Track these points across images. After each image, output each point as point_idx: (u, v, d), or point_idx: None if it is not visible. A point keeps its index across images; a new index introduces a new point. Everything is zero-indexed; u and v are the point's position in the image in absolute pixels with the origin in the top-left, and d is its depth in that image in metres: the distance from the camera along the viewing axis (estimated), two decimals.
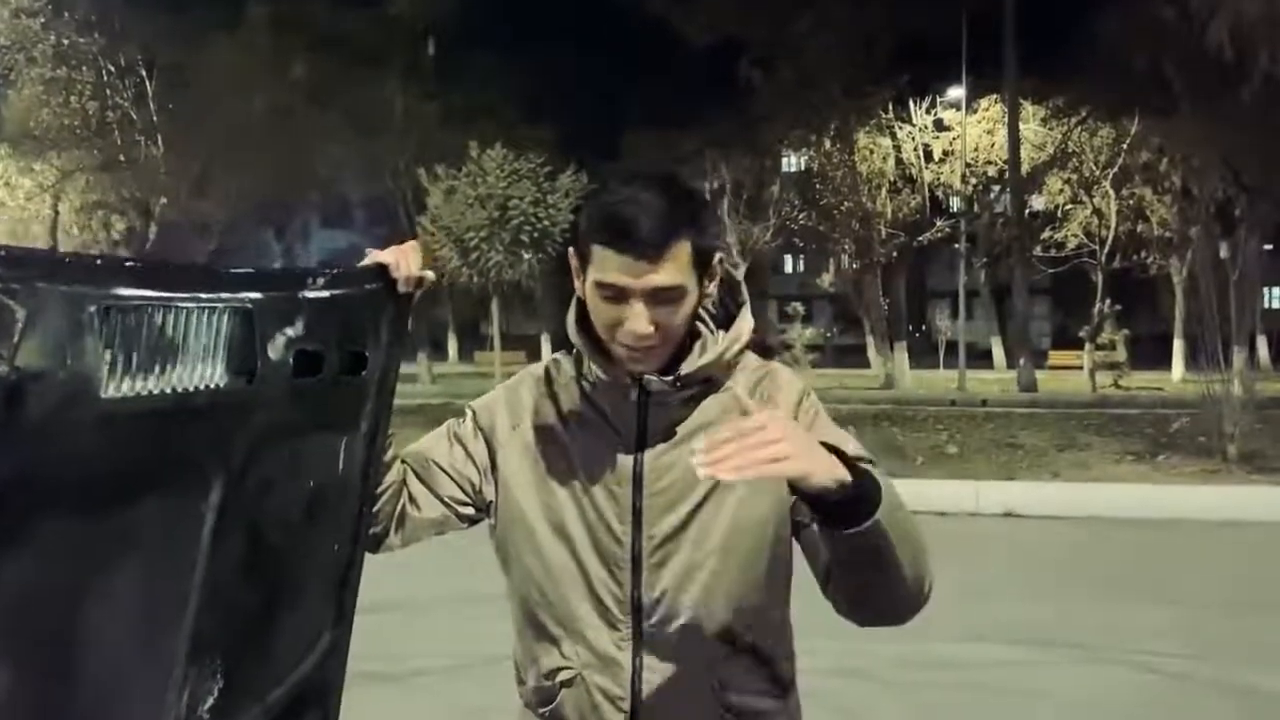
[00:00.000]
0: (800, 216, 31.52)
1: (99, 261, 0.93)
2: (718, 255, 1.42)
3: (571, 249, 1.45)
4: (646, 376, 1.41)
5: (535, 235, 22.54)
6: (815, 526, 1.32)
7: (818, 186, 29.96)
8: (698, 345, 1.46)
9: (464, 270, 22.21)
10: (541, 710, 1.46)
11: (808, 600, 1.50)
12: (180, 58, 26.84)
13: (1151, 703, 4.45)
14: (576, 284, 1.45)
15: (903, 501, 1.27)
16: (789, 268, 47.96)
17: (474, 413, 1.56)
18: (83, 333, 0.86)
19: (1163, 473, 10.33)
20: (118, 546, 0.98)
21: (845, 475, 1.17)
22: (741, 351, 1.48)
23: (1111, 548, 7.62)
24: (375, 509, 1.48)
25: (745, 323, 1.48)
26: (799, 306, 28.29)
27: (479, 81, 28.93)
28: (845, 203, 28.52)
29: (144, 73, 28.30)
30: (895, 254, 28.59)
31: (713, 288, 1.44)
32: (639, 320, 1.35)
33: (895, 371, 26.68)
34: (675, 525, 1.41)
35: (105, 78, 28.10)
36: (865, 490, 1.19)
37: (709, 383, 1.46)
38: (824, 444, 1.20)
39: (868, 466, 1.24)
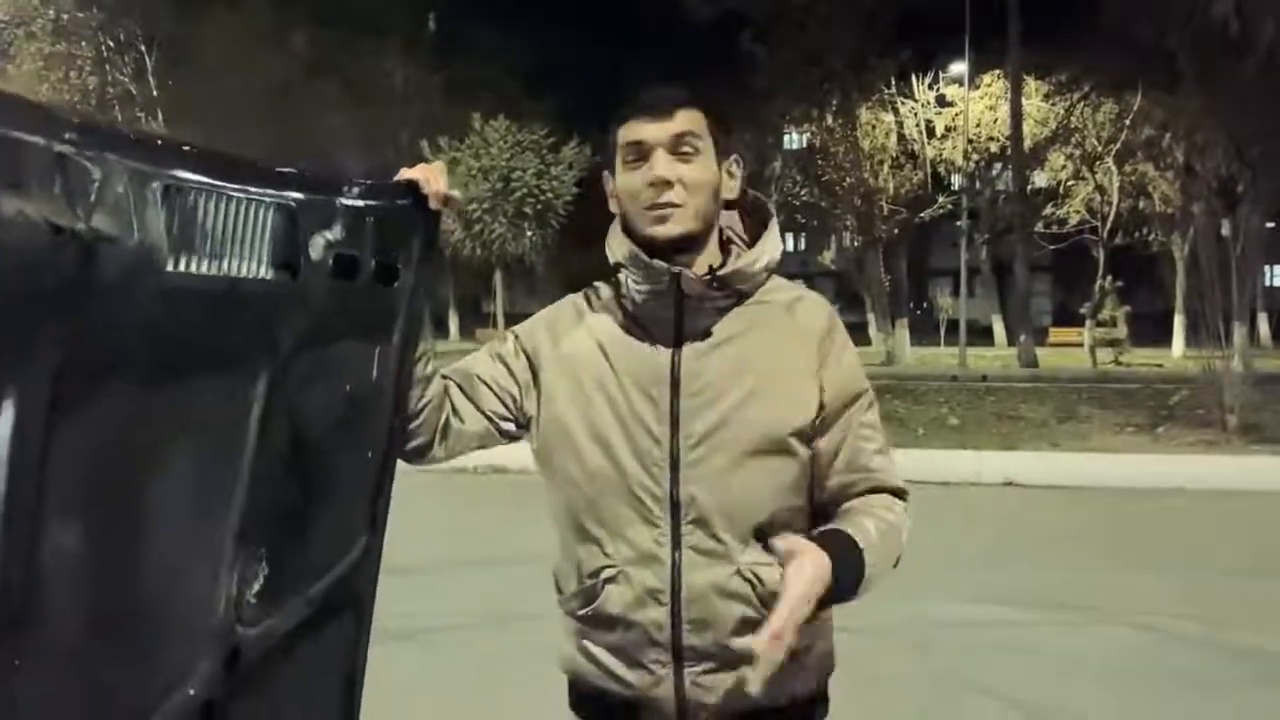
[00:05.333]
0: (802, 193, 31.43)
1: (160, 142, 0.96)
2: (738, 161, 1.55)
3: (606, 172, 1.57)
4: (684, 273, 1.48)
5: (538, 208, 22.54)
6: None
7: (819, 162, 29.80)
8: (733, 252, 1.57)
9: (467, 243, 22.20)
10: (583, 611, 1.53)
11: None
12: (180, 32, 26.72)
13: (1150, 660, 4.51)
14: (612, 204, 1.57)
15: (889, 535, 1.45)
16: (790, 244, 47.48)
17: (516, 335, 1.64)
18: (148, 207, 0.90)
19: (1162, 444, 10.37)
20: (175, 420, 1.02)
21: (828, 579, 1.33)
22: (773, 266, 1.57)
23: (1112, 515, 7.67)
24: (419, 421, 1.55)
25: (774, 236, 1.58)
26: (800, 283, 28.28)
27: (481, 54, 28.79)
28: (847, 179, 28.40)
29: (143, 47, 28.17)
30: (897, 230, 28.51)
31: (735, 185, 1.57)
32: (662, 167, 1.46)
33: (896, 348, 26.68)
34: (711, 426, 1.48)
35: (104, 53, 27.99)
36: (848, 581, 1.37)
37: (742, 295, 1.54)
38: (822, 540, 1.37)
39: (850, 539, 1.40)
